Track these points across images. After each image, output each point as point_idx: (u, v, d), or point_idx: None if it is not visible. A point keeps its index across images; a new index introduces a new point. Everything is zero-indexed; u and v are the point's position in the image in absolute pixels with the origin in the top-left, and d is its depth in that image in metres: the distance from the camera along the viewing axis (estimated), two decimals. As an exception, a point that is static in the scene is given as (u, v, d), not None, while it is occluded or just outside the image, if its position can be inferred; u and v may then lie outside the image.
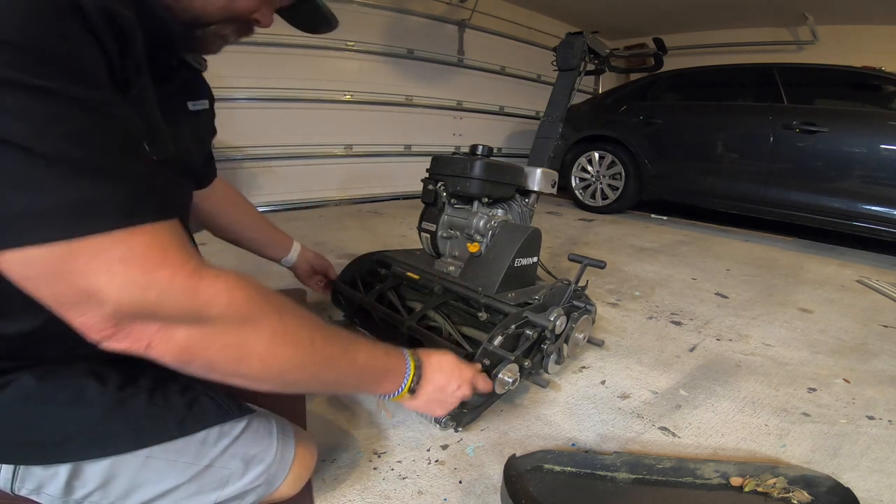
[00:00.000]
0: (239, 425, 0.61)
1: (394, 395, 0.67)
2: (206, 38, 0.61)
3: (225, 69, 2.68)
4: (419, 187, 1.28)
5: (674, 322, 1.62)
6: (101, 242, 0.37)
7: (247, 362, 0.46)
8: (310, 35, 1.02)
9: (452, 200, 1.27)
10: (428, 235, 1.28)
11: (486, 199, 1.23)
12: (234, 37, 0.64)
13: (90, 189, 0.37)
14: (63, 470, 0.51)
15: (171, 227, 0.42)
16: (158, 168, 0.54)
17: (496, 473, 0.84)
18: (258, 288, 0.47)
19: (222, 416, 0.60)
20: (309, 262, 1.25)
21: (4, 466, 0.50)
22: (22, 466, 0.50)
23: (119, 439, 0.53)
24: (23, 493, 0.52)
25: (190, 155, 0.77)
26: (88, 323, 0.39)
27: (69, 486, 0.52)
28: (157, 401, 0.55)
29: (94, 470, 0.52)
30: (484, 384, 0.80)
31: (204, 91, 0.78)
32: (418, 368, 0.69)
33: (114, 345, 0.40)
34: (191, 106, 0.75)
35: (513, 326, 0.98)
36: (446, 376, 0.72)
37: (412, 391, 0.68)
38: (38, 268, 0.36)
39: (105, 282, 0.37)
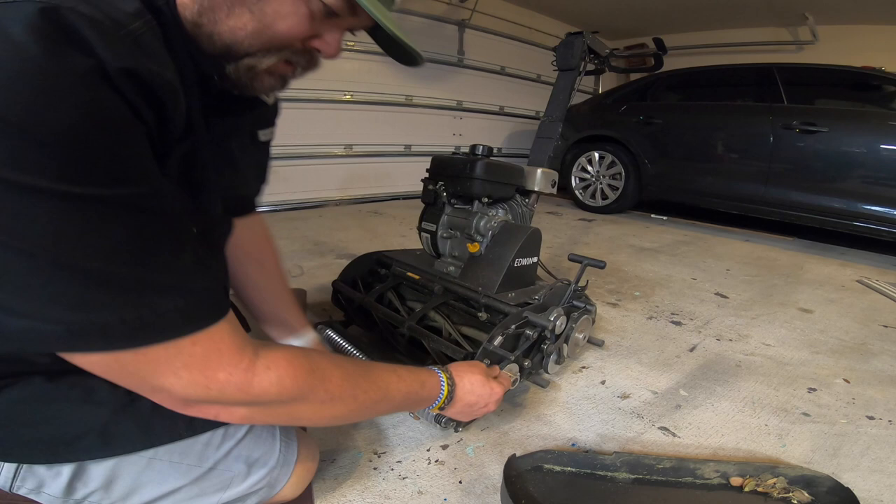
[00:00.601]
0: (243, 428, 0.61)
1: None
2: (241, 74, 0.50)
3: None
4: (419, 187, 1.28)
5: (674, 322, 1.62)
6: (165, 351, 0.40)
7: (299, 422, 0.55)
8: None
9: (452, 200, 1.27)
10: (428, 235, 1.28)
11: (486, 199, 1.23)
12: (290, 71, 0.53)
13: (147, 305, 0.39)
14: (66, 469, 0.51)
15: (226, 325, 0.45)
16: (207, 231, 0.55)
17: (496, 473, 0.84)
18: (305, 366, 0.51)
19: None
20: None
21: (7, 465, 0.50)
22: (25, 465, 0.50)
23: (128, 438, 0.52)
24: (22, 492, 0.51)
25: (248, 189, 0.75)
26: (162, 402, 0.45)
27: (71, 486, 0.51)
28: None
29: (98, 470, 0.52)
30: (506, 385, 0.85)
31: (274, 117, 0.71)
32: (451, 392, 0.73)
33: (187, 414, 0.46)
34: (261, 136, 0.69)
35: (513, 326, 0.98)
36: (476, 397, 0.77)
37: (442, 409, 0.75)
38: (108, 368, 0.40)
39: (171, 382, 0.42)
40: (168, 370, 0.41)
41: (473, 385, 0.77)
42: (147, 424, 0.53)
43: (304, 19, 0.48)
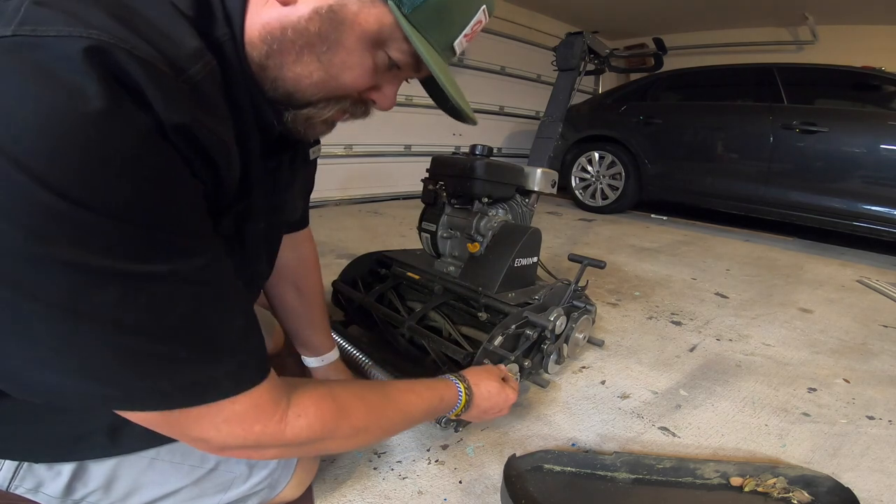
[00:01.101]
0: None
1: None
2: (301, 122, 0.50)
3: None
4: (419, 187, 1.28)
5: (674, 322, 1.62)
6: (210, 409, 0.42)
7: (327, 453, 0.61)
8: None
9: (452, 200, 1.27)
10: (428, 235, 1.28)
11: (486, 200, 1.23)
12: (343, 118, 0.53)
13: (202, 372, 0.41)
14: (66, 469, 0.51)
15: (266, 383, 0.46)
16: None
17: (496, 473, 0.84)
18: (332, 408, 0.52)
19: None
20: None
21: (7, 463, 0.49)
22: (25, 464, 0.50)
23: (135, 437, 0.52)
24: (19, 491, 0.51)
25: (294, 213, 0.75)
26: (198, 448, 0.47)
27: (70, 487, 0.51)
28: None
29: (99, 470, 0.52)
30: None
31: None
32: (469, 401, 0.74)
33: (221, 456, 0.52)
34: (311, 154, 0.69)
35: (513, 326, 0.98)
36: (492, 403, 0.78)
37: (458, 416, 0.75)
38: (153, 422, 0.42)
39: (212, 436, 0.43)
40: (210, 425, 0.43)
41: (490, 392, 0.78)
42: None
43: (368, 71, 0.48)
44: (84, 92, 0.31)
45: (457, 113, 0.58)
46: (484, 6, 0.51)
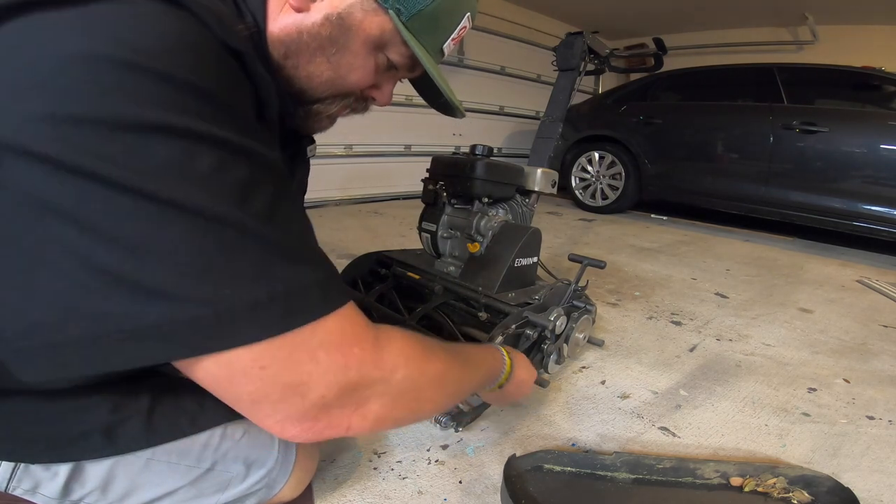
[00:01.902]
0: (241, 429, 0.61)
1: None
2: (310, 117, 0.57)
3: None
4: (419, 187, 1.28)
5: (674, 322, 1.62)
6: (304, 333, 0.36)
7: (422, 409, 0.50)
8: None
9: (452, 200, 1.27)
10: (428, 235, 1.28)
11: (486, 199, 1.23)
12: (344, 113, 0.59)
13: (294, 278, 0.36)
14: (63, 470, 0.50)
15: (351, 305, 0.42)
16: None
17: (496, 473, 0.84)
18: (415, 337, 0.50)
19: (230, 413, 0.60)
20: None
21: (4, 464, 0.49)
22: (22, 465, 0.50)
23: (132, 436, 0.52)
24: (17, 492, 0.51)
25: None
26: (289, 418, 0.38)
27: (67, 487, 0.51)
28: (167, 399, 0.55)
29: (95, 471, 0.52)
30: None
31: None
32: (512, 368, 0.75)
33: (312, 436, 0.40)
34: (309, 152, 0.71)
35: (513, 326, 0.98)
36: (526, 375, 0.79)
37: (501, 387, 0.74)
38: (236, 368, 0.35)
39: (308, 371, 0.37)
40: (307, 356, 0.37)
41: (523, 361, 0.80)
42: (150, 421, 0.53)
43: (370, 72, 0.55)
44: (171, 20, 0.34)
45: (447, 108, 0.65)
46: (468, 13, 0.58)
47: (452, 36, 0.57)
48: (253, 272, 0.34)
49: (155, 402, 0.53)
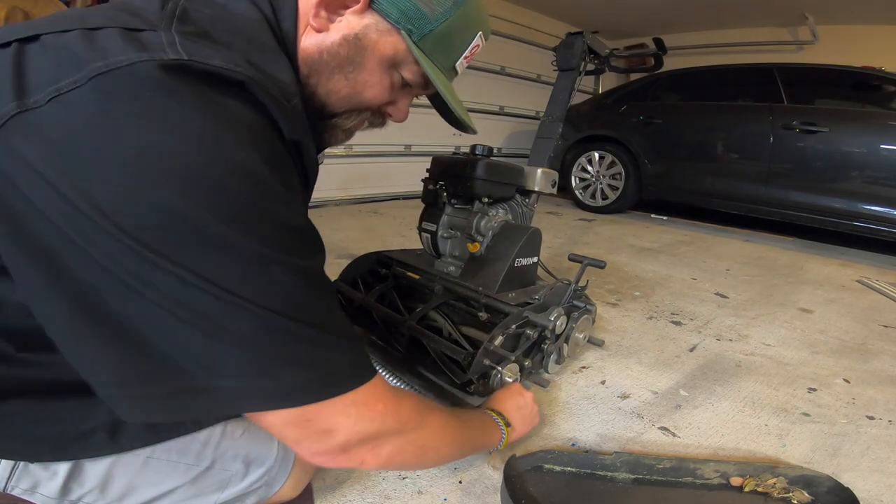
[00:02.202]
0: (240, 427, 0.61)
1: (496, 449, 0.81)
2: (328, 131, 0.60)
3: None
4: (419, 187, 1.28)
5: (674, 322, 1.62)
6: (340, 399, 0.46)
7: (426, 457, 0.60)
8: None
9: (452, 200, 1.27)
10: (428, 235, 1.28)
11: (486, 199, 1.23)
12: (362, 127, 0.63)
13: (334, 364, 0.45)
14: (62, 469, 0.50)
15: (379, 377, 0.51)
16: None
17: (496, 473, 0.84)
18: (425, 400, 0.61)
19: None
20: None
21: (3, 463, 0.49)
22: (21, 464, 0.50)
23: (135, 434, 0.52)
24: (16, 492, 0.50)
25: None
26: (319, 452, 0.48)
27: (66, 487, 0.51)
28: None
29: (94, 470, 0.52)
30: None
31: None
32: (508, 426, 0.81)
33: (333, 465, 0.50)
34: (319, 159, 0.75)
35: (513, 326, 0.98)
36: (525, 413, 0.86)
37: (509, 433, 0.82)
38: (287, 420, 0.45)
39: (341, 422, 0.47)
40: (341, 412, 0.46)
41: (518, 404, 0.85)
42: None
43: (386, 89, 0.58)
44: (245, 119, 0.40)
45: (459, 124, 0.68)
46: (480, 32, 0.61)
47: (465, 54, 0.60)
48: (306, 360, 0.43)
49: None
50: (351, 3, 0.52)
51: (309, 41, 0.53)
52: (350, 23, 0.53)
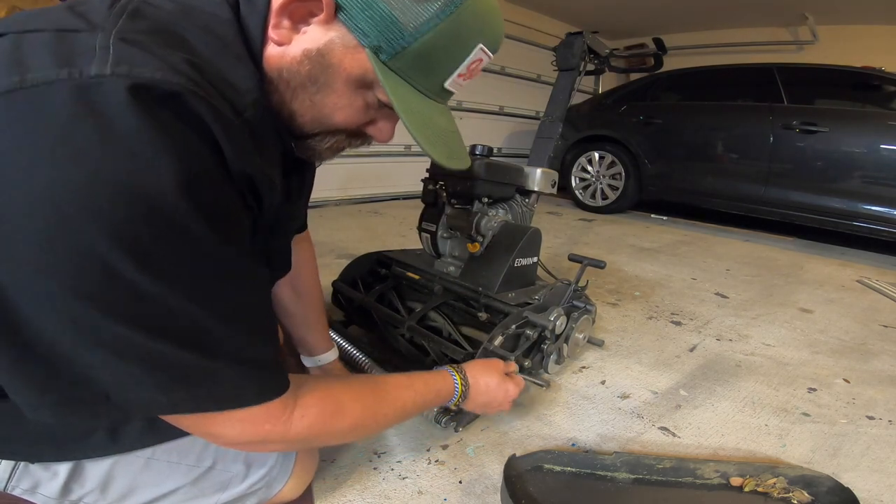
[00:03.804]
0: None
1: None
2: (303, 151, 0.55)
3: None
4: (419, 187, 1.28)
5: (674, 322, 1.62)
6: (233, 413, 0.46)
7: (323, 446, 0.68)
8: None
9: (452, 200, 1.27)
10: (428, 235, 1.27)
11: (486, 200, 1.23)
12: (342, 147, 0.56)
13: (236, 386, 0.45)
14: (63, 469, 0.51)
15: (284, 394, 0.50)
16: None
17: (496, 473, 0.84)
18: (332, 409, 0.55)
19: None
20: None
21: (4, 463, 0.49)
22: (22, 464, 0.50)
23: (135, 435, 0.52)
24: (16, 492, 0.51)
25: (301, 218, 0.79)
26: (210, 441, 0.52)
27: (67, 487, 0.51)
28: None
29: (95, 470, 0.52)
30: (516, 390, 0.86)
31: None
32: (465, 392, 0.76)
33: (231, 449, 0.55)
34: (316, 163, 0.70)
35: (513, 326, 0.98)
36: (489, 398, 0.80)
37: (458, 405, 0.77)
38: (178, 420, 0.47)
39: (225, 432, 0.47)
40: (228, 425, 0.47)
41: (489, 386, 0.79)
42: (153, 420, 0.53)
43: (359, 111, 0.50)
44: (164, 137, 0.35)
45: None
46: (480, 45, 0.48)
47: (459, 71, 0.49)
48: (196, 380, 0.42)
49: None
50: (317, 10, 0.44)
51: (270, 53, 0.46)
52: (313, 36, 0.45)
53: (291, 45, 0.46)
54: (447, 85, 0.50)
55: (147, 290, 0.37)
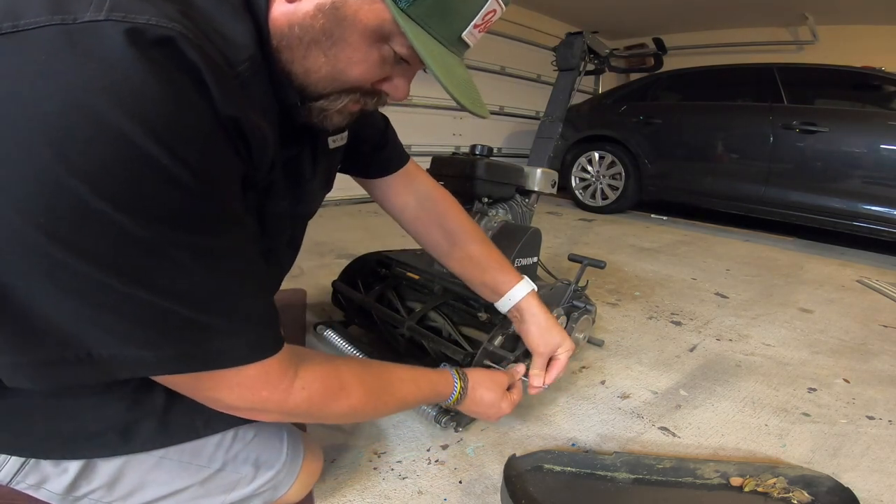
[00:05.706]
0: (252, 431, 0.61)
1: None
2: (316, 114, 0.52)
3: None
4: (419, 187, 1.28)
5: (674, 322, 1.62)
6: (227, 373, 0.45)
7: (320, 422, 0.68)
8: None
9: (452, 200, 1.27)
10: (428, 235, 1.27)
11: (486, 199, 1.23)
12: (360, 107, 0.54)
13: (225, 342, 0.43)
14: (73, 466, 0.50)
15: (278, 356, 0.49)
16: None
17: (496, 473, 0.84)
18: (335, 387, 0.55)
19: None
20: (541, 327, 0.87)
21: (13, 459, 0.49)
22: (31, 460, 0.49)
23: (147, 436, 0.52)
24: (21, 487, 0.50)
25: (314, 204, 0.78)
26: (209, 405, 0.49)
27: (75, 484, 0.51)
28: (182, 399, 0.53)
29: (106, 468, 0.52)
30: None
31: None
32: (460, 399, 0.75)
33: (230, 413, 0.51)
34: (330, 143, 0.68)
35: (513, 327, 0.98)
36: (480, 411, 0.79)
37: (450, 407, 0.78)
38: (177, 383, 0.46)
39: (223, 395, 0.47)
40: (225, 387, 0.46)
41: (483, 400, 0.78)
42: (165, 421, 0.53)
43: (374, 65, 0.49)
44: (153, 81, 0.35)
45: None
46: None
47: (475, 21, 0.48)
48: (186, 336, 0.41)
49: (170, 402, 0.53)
50: None
51: (278, 11, 0.46)
52: None
53: (303, 1, 0.45)
54: (464, 35, 0.49)
55: (123, 233, 0.35)
